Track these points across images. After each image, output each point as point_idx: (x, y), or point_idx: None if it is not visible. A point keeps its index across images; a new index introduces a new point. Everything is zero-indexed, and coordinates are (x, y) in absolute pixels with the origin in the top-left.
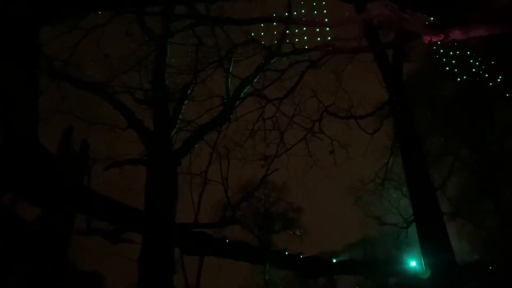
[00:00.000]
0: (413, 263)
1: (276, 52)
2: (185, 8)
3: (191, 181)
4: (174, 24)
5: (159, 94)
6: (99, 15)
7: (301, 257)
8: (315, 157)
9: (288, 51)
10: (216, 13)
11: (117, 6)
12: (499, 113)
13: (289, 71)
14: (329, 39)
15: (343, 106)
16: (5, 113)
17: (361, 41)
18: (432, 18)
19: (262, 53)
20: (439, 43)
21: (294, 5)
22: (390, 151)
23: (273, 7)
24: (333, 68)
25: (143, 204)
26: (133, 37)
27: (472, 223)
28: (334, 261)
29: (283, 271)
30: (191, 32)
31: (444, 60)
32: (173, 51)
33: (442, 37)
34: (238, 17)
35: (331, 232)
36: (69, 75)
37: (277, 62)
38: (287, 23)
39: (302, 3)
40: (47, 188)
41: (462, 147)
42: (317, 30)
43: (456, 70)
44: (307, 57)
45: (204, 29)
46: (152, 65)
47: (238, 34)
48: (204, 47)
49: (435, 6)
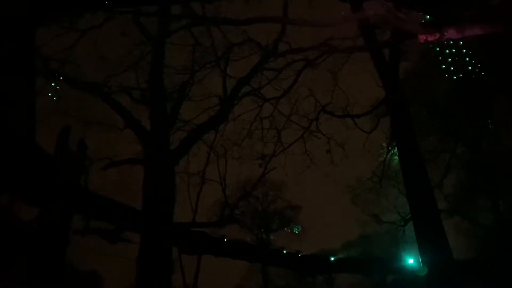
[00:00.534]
0: (410, 260)
1: (272, 51)
2: (181, 8)
3: (189, 181)
4: (171, 24)
5: (157, 94)
6: (96, 15)
7: (299, 255)
8: (312, 155)
9: (285, 50)
10: (213, 13)
11: (114, 6)
12: (495, 110)
13: (286, 70)
14: (325, 38)
15: (339, 105)
16: (2, 113)
17: (358, 40)
18: (427, 17)
19: (258, 52)
20: (434, 41)
21: (291, 4)
22: (387, 149)
23: (270, 7)
24: (329, 67)
25: (141, 204)
26: (130, 37)
27: (469, 220)
28: (332, 259)
29: (281, 269)
30: (188, 32)
31: (440, 58)
32: (170, 51)
33: (437, 36)
34: (234, 17)
35: (329, 230)
36: (66, 75)
37: (273, 61)
38: (283, 23)
39: (299, 2)
40: (45, 188)
41: (459, 144)
42: (314, 29)
43: (452, 69)
44: (303, 56)
45: (201, 29)
46: (149, 65)
47: (234, 34)
48: (201, 46)
49: (430, 5)
